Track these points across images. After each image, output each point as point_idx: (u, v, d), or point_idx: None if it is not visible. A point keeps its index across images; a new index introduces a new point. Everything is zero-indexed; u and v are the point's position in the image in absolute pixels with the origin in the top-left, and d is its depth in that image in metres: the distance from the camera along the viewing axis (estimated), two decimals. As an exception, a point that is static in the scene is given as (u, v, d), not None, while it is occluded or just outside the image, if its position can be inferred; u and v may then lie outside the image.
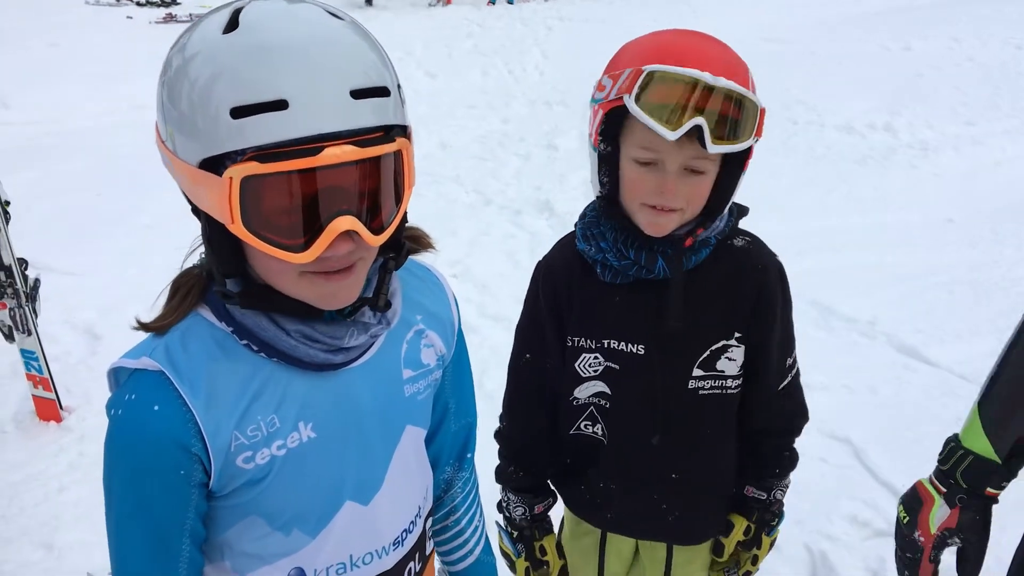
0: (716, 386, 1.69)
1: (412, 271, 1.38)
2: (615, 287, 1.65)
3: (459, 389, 1.51)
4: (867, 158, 6.75)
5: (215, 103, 0.99)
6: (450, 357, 1.43)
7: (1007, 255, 5.16)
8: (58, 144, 8.02)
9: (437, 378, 1.40)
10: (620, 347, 1.68)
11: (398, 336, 1.31)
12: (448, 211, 6.40)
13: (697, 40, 1.53)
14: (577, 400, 1.76)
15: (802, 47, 9.98)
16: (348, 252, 1.07)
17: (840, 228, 5.65)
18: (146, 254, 5.25)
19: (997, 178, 6.22)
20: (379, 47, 1.10)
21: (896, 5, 11.68)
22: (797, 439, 1.85)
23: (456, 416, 1.52)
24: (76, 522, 3.28)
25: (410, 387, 1.33)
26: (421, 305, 1.36)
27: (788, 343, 1.75)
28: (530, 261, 5.49)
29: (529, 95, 9.59)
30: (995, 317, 4.44)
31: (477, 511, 1.64)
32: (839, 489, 3.24)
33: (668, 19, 12.02)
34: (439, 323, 1.39)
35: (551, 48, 11.55)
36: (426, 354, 1.36)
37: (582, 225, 1.70)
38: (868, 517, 3.14)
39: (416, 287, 1.37)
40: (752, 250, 1.69)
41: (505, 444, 1.89)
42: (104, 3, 15.92)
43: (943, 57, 8.99)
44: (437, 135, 8.25)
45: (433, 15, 14.61)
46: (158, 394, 1.11)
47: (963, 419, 3.80)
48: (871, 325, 4.48)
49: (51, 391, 3.88)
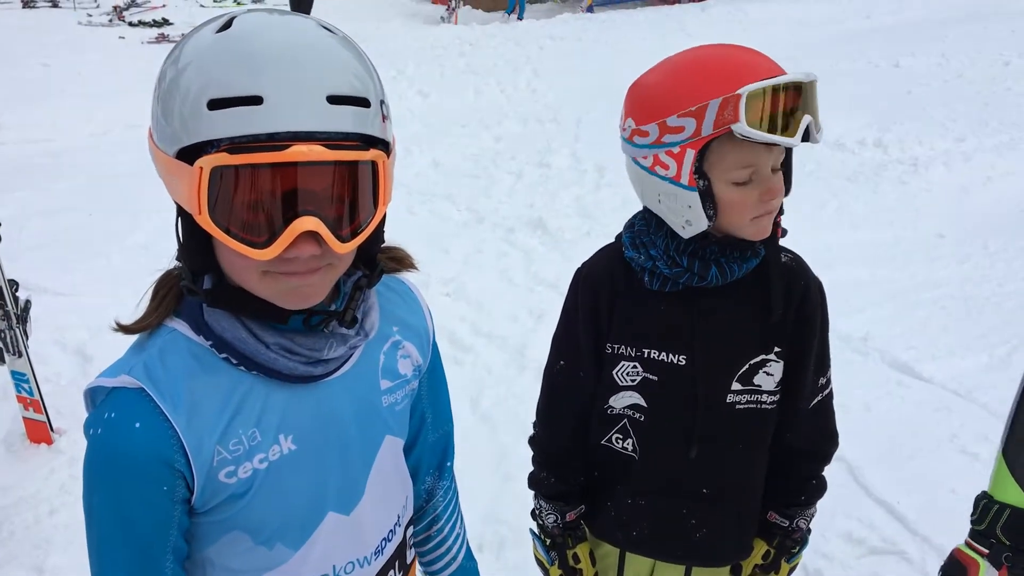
0: (752, 401, 1.69)
1: (387, 284, 1.38)
2: (660, 296, 1.66)
3: (435, 399, 1.51)
4: (858, 174, 6.78)
5: (195, 94, 1.01)
6: (426, 367, 1.44)
7: (998, 270, 5.18)
8: (50, 164, 8.01)
9: (414, 388, 1.41)
10: (660, 357, 1.69)
11: (375, 347, 1.32)
12: (441, 229, 6.41)
13: (738, 51, 1.57)
14: (612, 409, 1.76)
15: (792, 65, 9.93)
16: (312, 256, 1.07)
17: (832, 244, 5.66)
18: (138, 274, 5.14)
19: (987, 194, 6.25)
20: (367, 62, 1.12)
21: (885, 23, 11.78)
22: (826, 468, 1.83)
23: (434, 426, 1.53)
24: (67, 545, 3.25)
25: (388, 397, 1.33)
26: (397, 317, 1.37)
27: (823, 362, 1.76)
28: (524, 279, 5.53)
29: (521, 113, 9.62)
30: (987, 333, 4.45)
31: (458, 519, 1.65)
32: (834, 507, 3.23)
33: (657, 39, 12.12)
34: (415, 334, 1.39)
35: (543, 67, 11.61)
36: (403, 365, 1.36)
37: (631, 234, 1.71)
38: (863, 535, 3.13)
39: (391, 299, 1.37)
40: (795, 267, 1.71)
41: (538, 451, 1.90)
42: (97, 23, 15.95)
43: (932, 74, 9.05)
44: (430, 153, 8.27)
45: (425, 34, 14.67)
46: (139, 411, 1.11)
47: (959, 438, 3.80)
48: (864, 342, 4.49)
49: (42, 413, 3.85)
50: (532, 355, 4.37)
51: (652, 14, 15.01)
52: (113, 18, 16.33)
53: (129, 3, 17.36)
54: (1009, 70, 8.87)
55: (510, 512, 3.18)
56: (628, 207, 1.75)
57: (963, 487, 3.27)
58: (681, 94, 1.51)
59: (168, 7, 17.62)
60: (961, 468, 3.39)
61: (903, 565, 3.00)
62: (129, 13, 16.83)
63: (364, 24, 15.51)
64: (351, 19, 15.97)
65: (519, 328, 4.79)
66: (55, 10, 17.03)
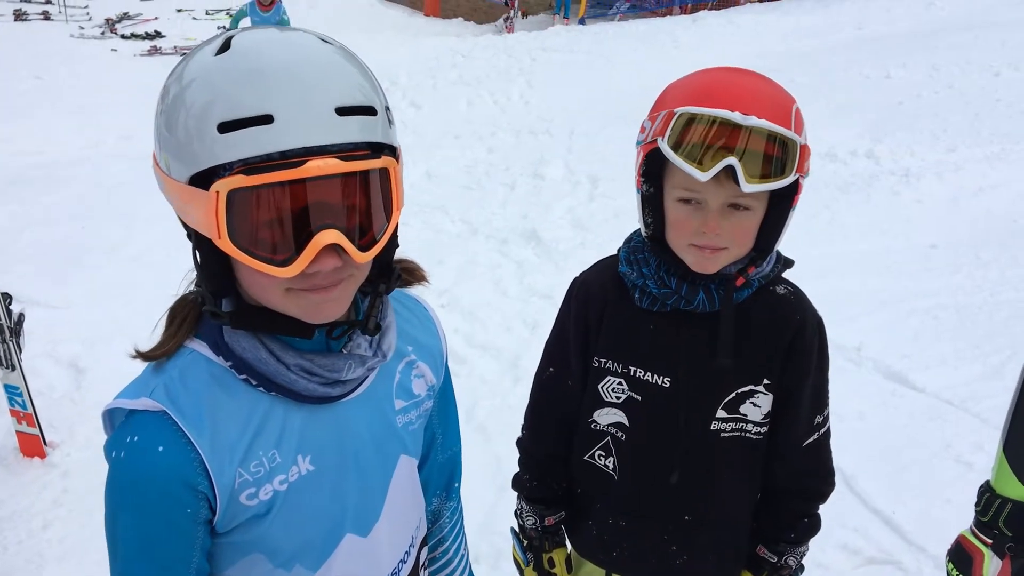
0: (738, 430, 1.67)
1: (402, 302, 1.39)
2: (650, 315, 1.65)
3: (445, 420, 1.52)
4: (850, 185, 6.81)
5: (204, 120, 1.01)
6: (439, 388, 1.44)
7: (990, 279, 5.20)
8: (42, 176, 7.99)
9: (427, 408, 1.41)
10: (646, 377, 1.68)
11: (391, 367, 1.32)
12: (435, 241, 6.41)
13: (736, 77, 1.52)
14: (596, 424, 1.75)
15: (783, 76, 10.03)
16: (335, 269, 1.08)
17: (824, 255, 5.67)
18: (132, 287, 5.23)
19: (979, 203, 6.28)
20: (368, 71, 1.13)
21: (875, 34, 11.83)
22: (821, 506, 1.79)
23: (443, 447, 1.54)
24: (60, 560, 3.23)
25: (402, 417, 1.34)
26: (412, 337, 1.38)
27: (820, 400, 1.71)
28: (517, 290, 5.53)
29: (514, 124, 9.64)
30: (980, 342, 4.46)
31: (463, 541, 1.65)
32: (830, 517, 3.17)
33: (650, 51, 12.15)
34: (429, 354, 1.40)
35: (536, 78, 11.63)
36: (417, 385, 1.37)
37: (627, 249, 1.70)
38: (859, 545, 3.13)
39: (407, 318, 1.38)
40: (793, 300, 1.66)
41: (523, 453, 1.91)
42: (89, 36, 15.96)
43: (923, 85, 9.09)
44: (423, 165, 8.29)
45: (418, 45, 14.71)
46: (162, 435, 1.11)
47: (953, 447, 3.81)
48: (857, 351, 4.50)
49: (35, 427, 3.84)
50: (526, 366, 4.36)
51: (643, 26, 15.05)
52: (105, 31, 16.34)
53: (121, 16, 17.38)
54: (999, 81, 8.91)
55: (506, 524, 3.15)
56: (621, 218, 1.77)
57: (958, 497, 3.30)
58: (660, 100, 1.54)
59: (160, 20, 17.65)
60: (956, 478, 3.40)
61: (899, 575, 3.00)
62: (121, 26, 16.85)
63: (355, 36, 15.54)
64: (342, 31, 16.02)
65: (513, 339, 4.80)
66: (47, 23, 17.04)
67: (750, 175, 1.42)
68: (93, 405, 4.10)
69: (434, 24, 19.33)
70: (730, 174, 1.42)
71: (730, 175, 1.42)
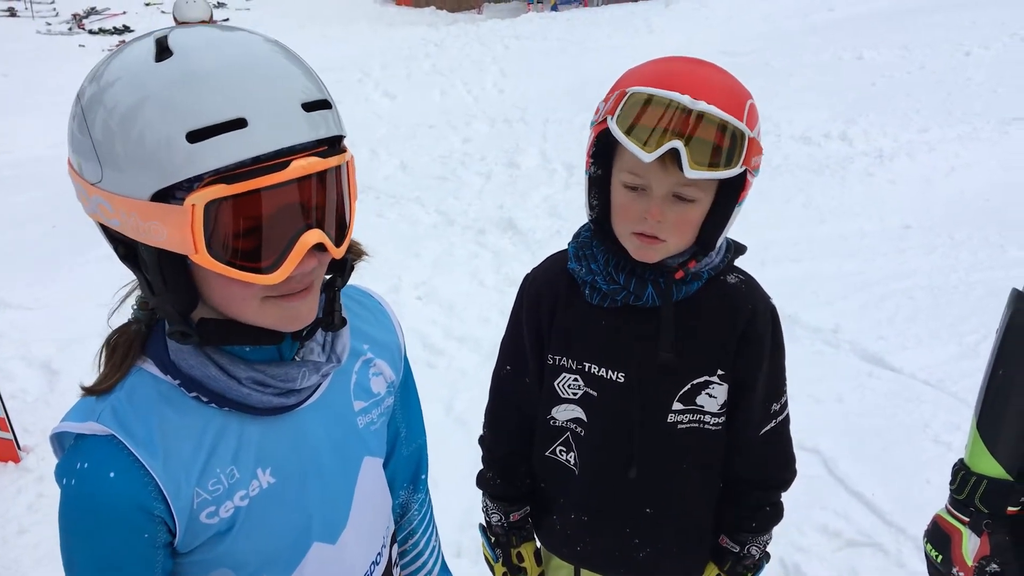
0: (695, 421, 1.66)
1: (355, 298, 1.36)
2: (601, 310, 1.63)
3: (408, 413, 1.50)
4: (824, 167, 6.83)
5: (166, 131, 0.95)
6: (399, 383, 1.42)
7: (964, 259, 5.23)
8: (11, 176, 7.89)
9: (389, 405, 1.39)
10: (600, 373, 1.66)
11: (347, 368, 1.29)
12: (411, 233, 6.38)
13: (692, 65, 1.50)
14: (555, 421, 1.74)
15: (757, 59, 10.11)
16: (312, 269, 1.06)
17: (800, 238, 5.70)
18: (104, 286, 5.14)
19: (952, 184, 6.32)
20: (308, 64, 1.10)
21: (848, 15, 11.89)
22: (783, 494, 1.78)
23: (407, 440, 1.52)
24: (37, 565, 3.20)
25: (363, 418, 1.31)
26: (367, 334, 1.35)
27: (776, 388, 1.70)
28: (495, 280, 5.51)
29: (489, 114, 9.61)
30: (955, 322, 4.49)
31: (433, 532, 1.64)
32: (810, 500, 3.25)
33: (623, 37, 12.15)
34: (386, 350, 1.38)
35: (509, 67, 11.60)
36: (376, 383, 1.34)
37: (575, 244, 1.68)
38: (839, 527, 3.15)
39: (360, 315, 1.35)
40: (744, 289, 1.65)
41: (485, 452, 1.91)
42: (56, 32, 15.75)
43: (895, 66, 9.14)
44: (398, 156, 8.24)
45: (390, 36, 14.63)
46: (113, 460, 1.07)
47: (931, 427, 3.83)
48: (835, 334, 4.51)
49: (8, 431, 3.79)
50: (505, 357, 4.34)
51: (617, 11, 15.03)
52: (73, 26, 16.15)
53: (88, 11, 17.18)
54: (970, 60, 8.98)
55: (487, 516, 3.17)
56: (597, 207, 1.74)
57: (936, 477, 3.31)
58: (618, 82, 1.52)
59: (129, 14, 17.45)
60: (934, 458, 3.42)
61: (879, 557, 3.02)
62: (89, 21, 16.66)
63: (328, 27, 15.44)
64: (315, 22, 15.93)
65: (491, 329, 4.78)
66: (13, 19, 16.81)
67: (695, 161, 1.40)
68: (68, 408, 4.05)
69: (406, 13, 19.23)
70: (675, 159, 1.41)
71: (675, 160, 1.41)
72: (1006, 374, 1.60)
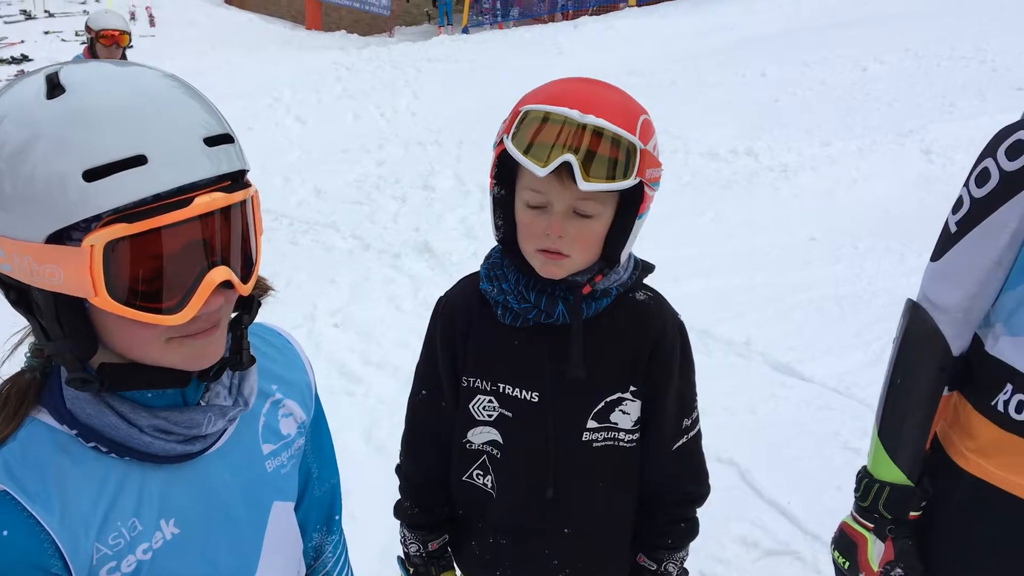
0: (609, 438, 1.67)
1: (263, 337, 1.32)
2: (514, 330, 1.64)
3: (320, 453, 1.45)
4: (732, 183, 7.00)
5: (60, 170, 0.92)
6: (309, 422, 1.38)
7: (868, 268, 5.42)
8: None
9: (300, 446, 1.35)
10: (515, 393, 1.67)
11: (255, 411, 1.25)
12: (326, 259, 6.31)
13: (586, 84, 1.54)
14: (471, 444, 1.73)
15: (665, 78, 10.33)
16: (219, 307, 1.03)
17: (710, 252, 5.82)
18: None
19: (854, 195, 6.54)
20: (208, 99, 1.07)
21: (750, 35, 12.23)
22: (698, 509, 1.79)
23: (320, 481, 1.47)
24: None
25: (272, 462, 1.27)
26: (275, 374, 1.31)
27: (686, 403, 1.72)
28: (412, 305, 5.48)
29: (403, 136, 9.59)
30: (861, 330, 4.64)
31: (348, 574, 1.59)
32: (728, 512, 3.30)
33: (534, 59, 12.27)
34: (296, 390, 1.33)
35: (422, 89, 11.61)
36: (285, 424, 1.30)
37: (486, 265, 1.69)
38: (757, 537, 3.20)
39: (268, 355, 1.31)
40: (652, 306, 1.68)
41: (403, 480, 1.87)
42: (-51, 60, 15.19)
43: (797, 82, 9.44)
44: (311, 181, 8.16)
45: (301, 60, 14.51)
46: (5, 517, 1.01)
47: (841, 434, 3.93)
48: (747, 346, 4.61)
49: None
50: (424, 382, 4.31)
51: (527, 33, 15.20)
52: (-33, 55, 15.58)
53: (-16, 39, 16.60)
54: (867, 75, 9.33)
55: (409, 545, 3.13)
56: (513, 226, 1.75)
57: (848, 484, 3.35)
58: (518, 103, 1.55)
59: (27, 43, 16.91)
60: (845, 464, 3.51)
61: (797, 565, 3.07)
62: (-15, 49, 16.09)
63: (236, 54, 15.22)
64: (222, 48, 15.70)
65: (410, 354, 4.69)
66: (-97, 48, 16.15)
67: (589, 174, 1.43)
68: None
69: (317, 38, 19.09)
70: (571, 173, 1.44)
71: (571, 174, 1.44)
72: (903, 383, 1.66)
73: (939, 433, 1.72)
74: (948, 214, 1.62)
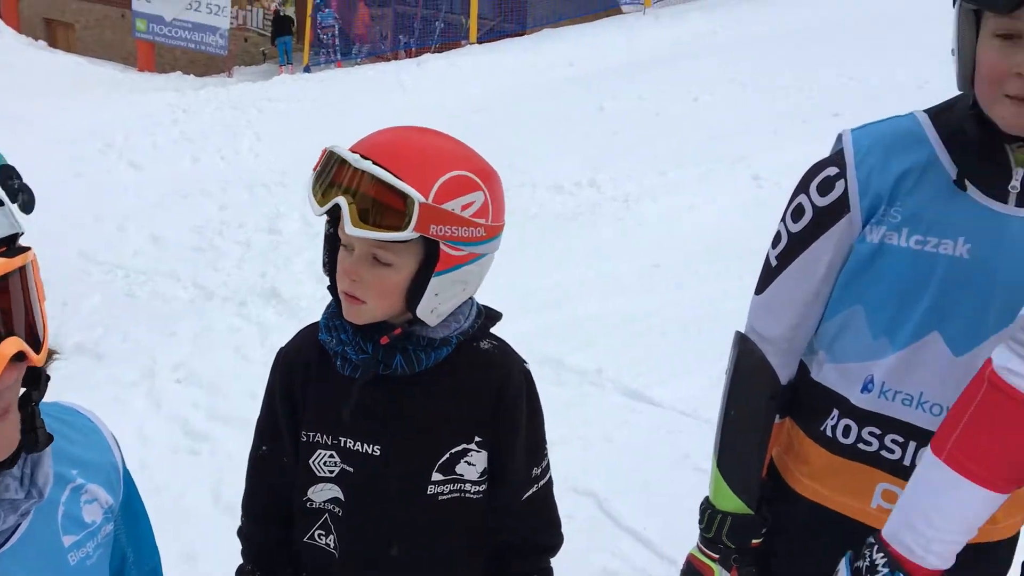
0: (456, 490, 1.63)
1: (59, 418, 1.20)
2: (353, 382, 1.58)
3: (135, 535, 1.35)
4: (577, 214, 7.16)
5: None
6: (119, 505, 1.27)
7: (707, 293, 5.60)
8: None
9: (108, 532, 1.24)
10: (356, 447, 1.61)
11: (52, 500, 1.13)
12: (165, 311, 6.04)
13: (406, 132, 1.54)
14: (312, 503, 1.66)
15: (509, 115, 10.49)
16: (10, 385, 0.94)
17: (559, 283, 5.91)
18: None
19: (692, 222, 6.79)
20: None
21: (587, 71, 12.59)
22: (552, 559, 1.76)
23: (137, 565, 1.37)
24: None
25: (75, 554, 1.16)
26: (75, 457, 1.20)
27: (536, 452, 1.69)
28: (260, 354, 5.30)
29: (246, 179, 9.34)
30: (705, 352, 4.79)
31: None
32: (588, 543, 3.31)
33: (378, 97, 12.26)
34: (100, 472, 1.23)
35: (264, 130, 11.39)
36: (89, 511, 1.19)
37: (326, 315, 1.63)
38: (617, 567, 3.22)
39: (67, 436, 1.19)
40: (496, 354, 1.66)
41: (245, 543, 1.78)
42: None
43: (633, 115, 9.77)
44: (147, 229, 7.83)
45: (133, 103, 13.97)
46: None
47: (691, 456, 4.02)
48: (598, 374, 4.68)
49: None
50: (275, 433, 4.17)
51: (370, 71, 15.17)
52: None
53: None
54: (698, 105, 9.76)
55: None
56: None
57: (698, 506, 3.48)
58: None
59: None
60: (696, 486, 3.55)
61: (655, 591, 3.12)
62: None
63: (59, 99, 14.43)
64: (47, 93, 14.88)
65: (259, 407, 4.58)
66: None
67: (364, 221, 1.42)
68: None
69: (151, 79, 18.44)
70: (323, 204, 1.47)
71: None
72: (737, 414, 1.71)
73: (775, 458, 1.78)
74: (768, 248, 1.69)
